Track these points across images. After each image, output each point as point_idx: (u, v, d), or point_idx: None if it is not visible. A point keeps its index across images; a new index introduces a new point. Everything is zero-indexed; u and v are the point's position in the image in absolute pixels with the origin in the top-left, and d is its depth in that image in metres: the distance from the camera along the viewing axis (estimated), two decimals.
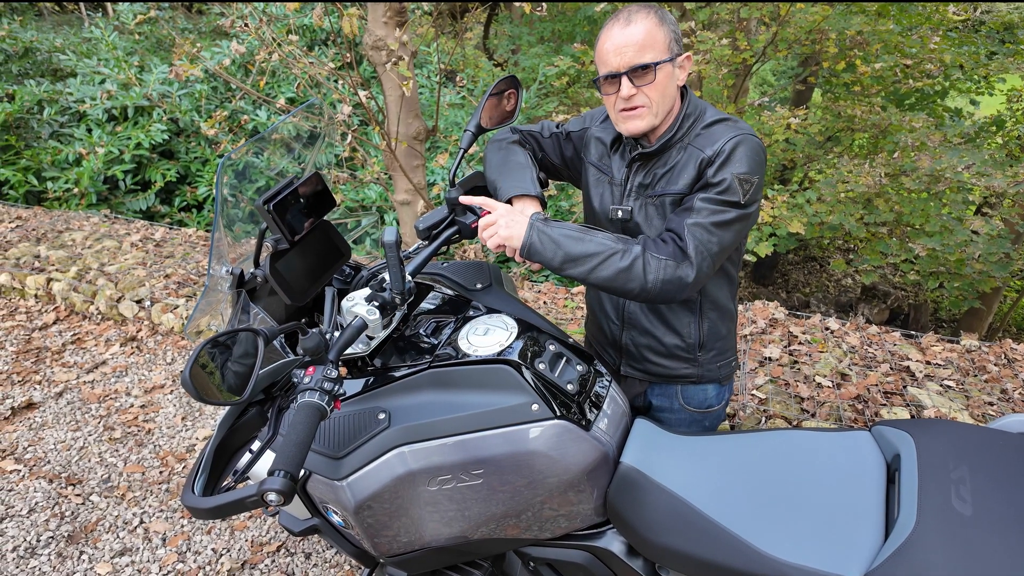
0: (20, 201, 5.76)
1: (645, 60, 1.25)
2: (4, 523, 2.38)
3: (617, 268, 1.24)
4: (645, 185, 1.39)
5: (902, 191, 5.41)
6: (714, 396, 1.53)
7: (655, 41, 1.25)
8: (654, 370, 1.52)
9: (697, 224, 1.25)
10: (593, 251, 1.25)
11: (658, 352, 1.50)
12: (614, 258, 1.24)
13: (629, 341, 1.53)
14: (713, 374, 1.50)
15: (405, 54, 3.49)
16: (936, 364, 2.80)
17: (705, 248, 1.24)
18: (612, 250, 1.24)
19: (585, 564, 1.36)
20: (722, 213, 1.25)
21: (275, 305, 1.42)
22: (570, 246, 1.25)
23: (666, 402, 1.55)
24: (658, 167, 1.36)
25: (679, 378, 1.51)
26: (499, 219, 1.32)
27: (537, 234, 1.27)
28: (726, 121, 1.32)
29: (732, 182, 1.24)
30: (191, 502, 1.06)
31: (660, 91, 1.28)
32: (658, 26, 1.26)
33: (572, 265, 1.26)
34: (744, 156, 1.25)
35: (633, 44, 1.25)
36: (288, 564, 2.20)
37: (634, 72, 1.26)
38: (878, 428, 1.20)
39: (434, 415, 1.22)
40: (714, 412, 1.55)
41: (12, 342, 3.56)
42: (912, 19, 6.29)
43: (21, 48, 7.16)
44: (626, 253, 1.24)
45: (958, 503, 0.97)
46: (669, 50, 1.27)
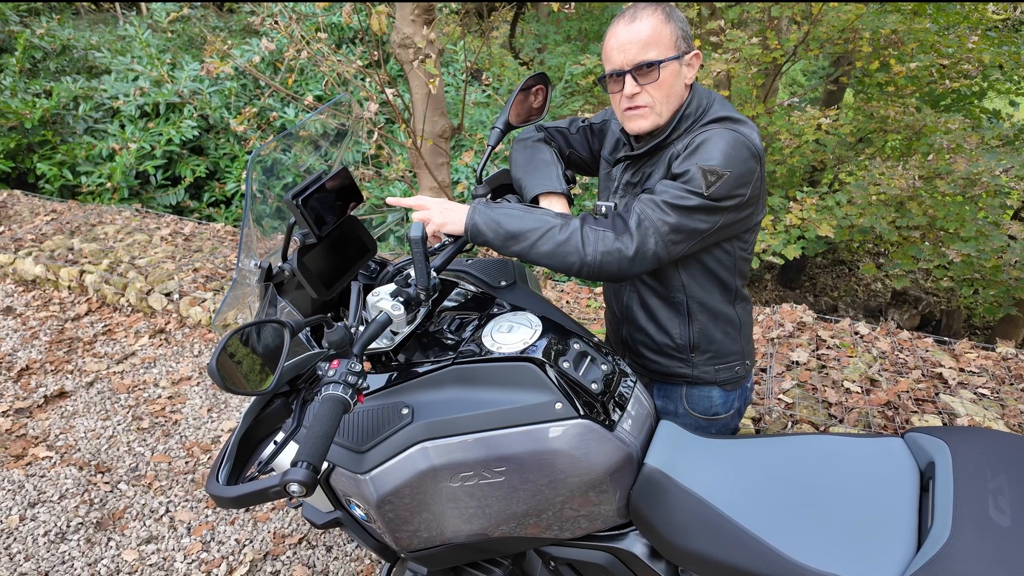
0: (55, 195, 5.90)
1: (649, 58, 1.23)
2: (36, 508, 2.44)
3: (556, 241, 1.22)
4: (632, 183, 1.39)
5: (936, 194, 5.28)
6: (720, 403, 1.50)
7: (660, 38, 1.23)
8: (650, 366, 1.51)
9: (649, 200, 1.21)
10: (532, 227, 1.24)
11: (651, 348, 1.49)
12: (552, 232, 1.23)
13: (628, 335, 1.54)
14: (710, 376, 1.46)
15: (432, 52, 3.50)
16: (970, 371, 2.73)
17: (651, 223, 1.19)
18: (551, 224, 1.23)
19: (606, 566, 1.35)
20: (681, 198, 1.19)
21: (301, 299, 1.43)
22: (510, 224, 1.25)
23: (670, 405, 1.53)
24: (647, 166, 1.36)
25: (675, 377, 1.49)
26: (432, 207, 1.31)
27: (479, 215, 1.27)
28: (722, 120, 1.27)
29: (694, 172, 1.18)
30: (215, 491, 1.07)
31: (665, 90, 1.26)
32: (664, 23, 1.23)
33: (514, 242, 1.25)
34: (715, 148, 1.19)
35: (637, 41, 1.23)
36: (309, 556, 2.22)
37: (638, 70, 1.24)
38: (911, 435, 1.17)
39: (457, 411, 1.21)
40: (720, 420, 1.52)
41: (46, 332, 3.65)
42: (950, 18, 6.13)
43: (59, 46, 7.33)
44: (564, 227, 1.23)
45: (996, 514, 0.94)
46: (675, 48, 1.25)
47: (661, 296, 1.42)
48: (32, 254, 4.25)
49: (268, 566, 2.19)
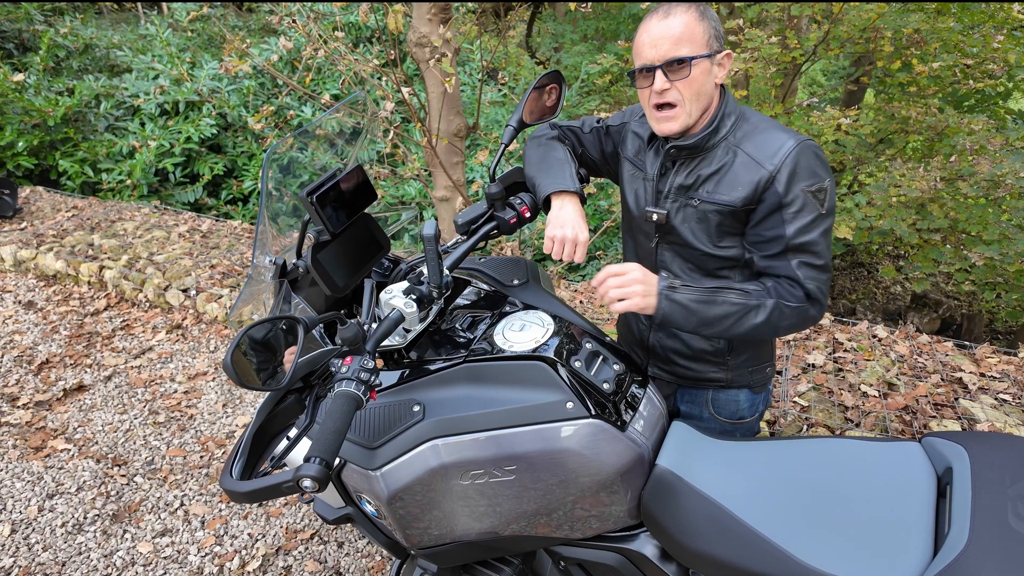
0: (77, 191, 6.00)
1: (681, 54, 1.21)
2: (54, 499, 2.48)
3: (752, 325, 1.24)
4: (686, 187, 1.33)
5: (958, 196, 5.19)
6: (746, 406, 1.48)
7: (693, 35, 1.22)
8: (681, 372, 1.49)
9: (804, 264, 1.24)
10: (726, 312, 1.23)
11: (685, 355, 1.46)
12: (748, 316, 1.23)
13: (657, 342, 1.50)
14: (744, 379, 1.45)
15: (448, 51, 3.51)
16: (991, 377, 2.68)
17: (822, 284, 1.25)
18: (745, 308, 1.23)
19: (617, 566, 1.34)
20: (817, 243, 1.23)
21: (315, 295, 1.44)
22: (703, 312, 1.23)
23: (695, 410, 1.51)
24: (702, 167, 1.31)
25: (707, 382, 1.47)
26: (634, 284, 1.23)
27: (668, 304, 1.23)
28: (772, 125, 1.28)
29: (804, 199, 1.22)
30: (229, 485, 1.08)
31: (695, 88, 1.24)
32: (698, 21, 1.22)
33: (706, 328, 1.25)
34: (808, 167, 1.22)
35: (670, 37, 1.21)
36: (321, 552, 2.23)
37: (669, 66, 1.22)
38: (928, 439, 1.15)
39: (468, 409, 1.21)
40: (746, 424, 1.50)
41: (66, 326, 3.71)
42: (974, 17, 6.03)
43: (81, 45, 7.44)
44: (760, 309, 1.23)
45: (1015, 521, 0.92)
46: (708, 46, 1.23)
47: None
48: (53, 250, 4.32)
49: (280, 561, 2.20)
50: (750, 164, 1.25)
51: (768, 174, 1.23)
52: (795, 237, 1.23)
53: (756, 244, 1.29)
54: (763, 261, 1.28)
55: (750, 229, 1.29)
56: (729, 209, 1.28)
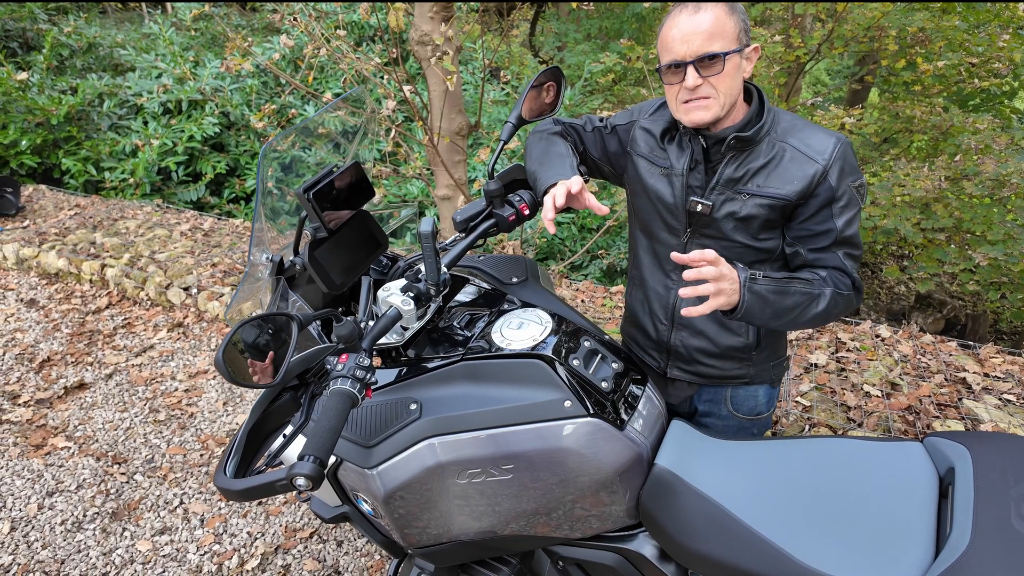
0: (79, 190, 6.00)
1: (714, 49, 1.20)
2: (54, 497, 2.47)
3: (814, 314, 1.25)
4: (735, 180, 1.31)
5: (963, 196, 5.16)
6: (764, 402, 1.48)
7: (725, 30, 1.20)
8: (705, 372, 1.47)
9: (850, 255, 1.29)
10: (795, 303, 1.23)
11: (711, 354, 1.44)
12: (811, 306, 1.24)
13: (679, 342, 1.47)
14: (766, 374, 1.46)
15: (450, 49, 3.50)
16: (995, 377, 2.66)
17: (858, 272, 1.30)
18: (810, 297, 1.24)
19: (615, 567, 1.33)
20: (856, 232, 1.29)
21: (313, 293, 1.43)
22: (777, 302, 1.20)
23: (714, 408, 1.50)
24: (751, 161, 1.29)
25: (731, 379, 1.46)
26: (725, 282, 1.13)
27: (750, 297, 1.17)
28: (800, 120, 1.30)
29: (852, 194, 1.27)
30: (222, 483, 1.07)
31: (728, 83, 1.23)
32: (728, 15, 1.21)
33: (775, 319, 1.22)
34: (851, 162, 1.26)
35: (702, 32, 1.19)
36: (320, 551, 2.23)
37: (701, 62, 1.21)
38: (931, 439, 1.14)
39: (466, 408, 1.20)
40: (763, 419, 1.50)
41: (67, 324, 3.71)
42: (980, 16, 5.99)
43: (85, 43, 7.45)
44: (821, 298, 1.24)
45: (1018, 522, 0.91)
46: (739, 40, 1.22)
47: None
48: (56, 248, 4.33)
49: (279, 559, 2.20)
50: (801, 159, 1.26)
51: (822, 168, 1.25)
52: (843, 230, 1.27)
53: (804, 238, 1.31)
54: (812, 254, 1.30)
55: (797, 224, 1.31)
56: (782, 203, 1.28)
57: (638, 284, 1.55)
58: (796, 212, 1.30)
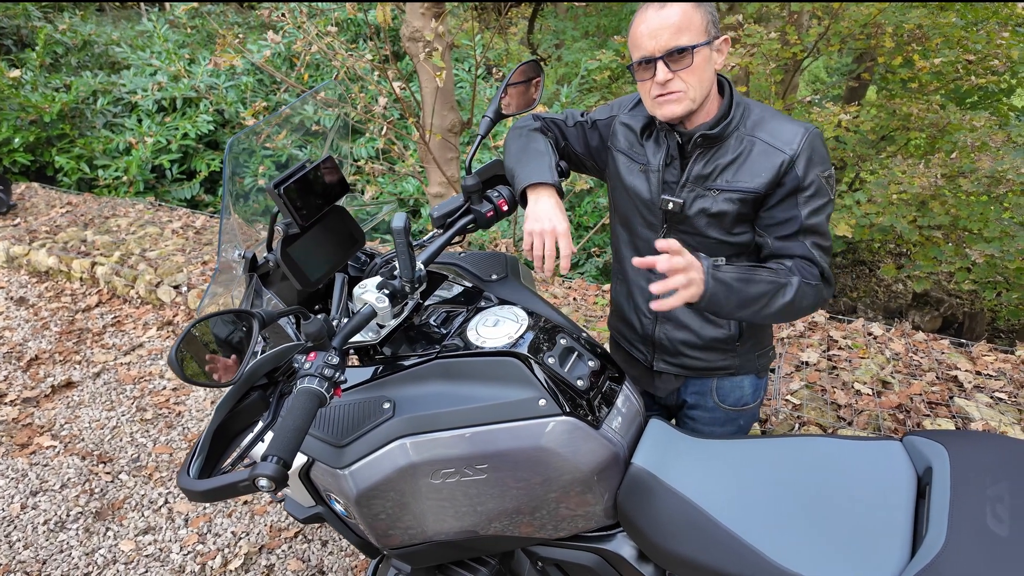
0: (73, 188, 5.98)
1: (682, 43, 1.19)
2: (37, 497, 2.46)
3: (781, 304, 1.21)
4: (704, 176, 1.30)
5: (960, 194, 5.14)
6: (750, 393, 1.47)
7: (692, 23, 1.19)
8: (690, 364, 1.46)
9: (817, 245, 1.26)
10: (762, 292, 1.19)
11: (695, 346, 1.43)
12: (778, 296, 1.21)
13: (663, 335, 1.47)
14: (751, 364, 1.45)
15: (440, 45, 3.48)
16: (987, 375, 2.64)
17: (830, 265, 1.26)
18: (777, 286, 1.20)
19: (594, 567, 1.31)
20: (824, 222, 1.26)
21: (288, 290, 1.41)
22: (743, 290, 1.17)
23: (700, 400, 1.49)
24: (719, 157, 1.29)
25: (716, 370, 1.45)
26: (693, 271, 1.11)
27: (714, 284, 1.14)
28: (774, 113, 1.28)
29: (821, 183, 1.24)
30: (185, 484, 1.05)
31: (698, 75, 1.22)
32: (695, 8, 1.20)
33: (742, 309, 1.19)
34: (821, 152, 1.24)
35: (669, 27, 1.18)
36: (305, 551, 2.21)
37: (670, 56, 1.20)
38: (910, 438, 1.12)
39: (439, 406, 1.18)
40: (749, 410, 1.49)
41: (56, 323, 3.69)
42: (978, 13, 5.96)
43: (80, 41, 7.43)
44: (787, 287, 1.21)
45: (993, 522, 0.89)
46: (707, 32, 1.21)
47: None
48: (46, 246, 4.31)
49: (263, 559, 2.18)
50: (769, 151, 1.25)
51: (788, 158, 1.23)
52: (808, 219, 1.25)
53: (770, 226, 1.29)
54: (777, 242, 1.29)
55: (764, 212, 1.30)
56: (752, 196, 1.27)
57: (621, 279, 1.55)
58: (764, 202, 1.29)
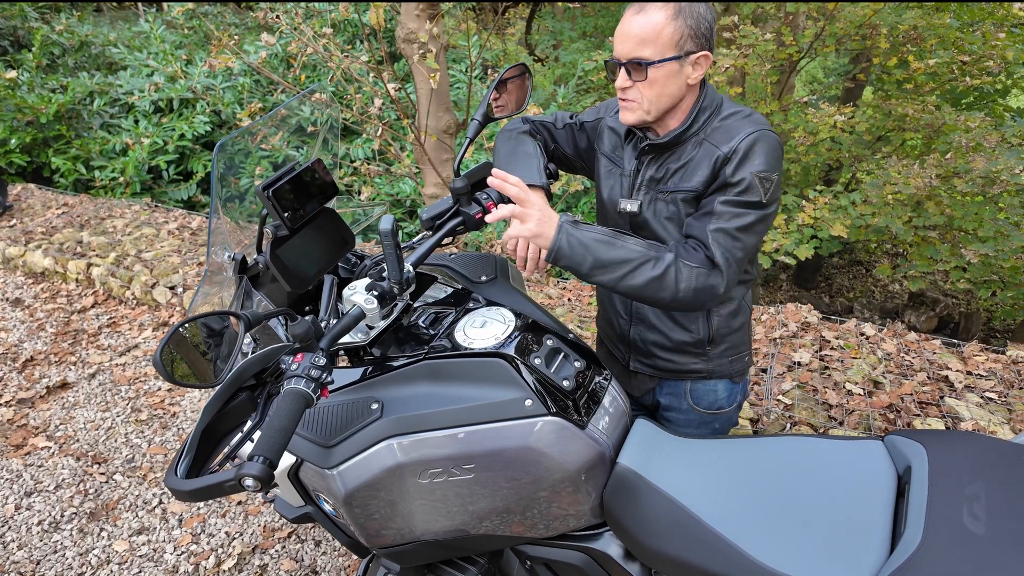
0: (69, 189, 5.99)
1: (641, 55, 1.20)
2: (32, 497, 2.46)
3: (649, 277, 1.19)
4: (657, 179, 1.34)
5: (955, 194, 5.16)
6: (724, 396, 1.47)
7: (659, 37, 1.19)
8: (662, 365, 1.47)
9: (720, 230, 1.21)
10: (625, 257, 1.19)
11: (666, 348, 1.45)
12: (646, 266, 1.19)
13: (637, 336, 1.49)
14: (724, 369, 1.45)
15: (435, 47, 3.49)
16: (978, 375, 2.65)
17: (731, 255, 1.20)
18: (644, 257, 1.19)
19: (581, 566, 1.32)
20: (744, 216, 1.20)
21: (278, 292, 1.42)
22: (601, 251, 1.19)
23: (675, 401, 1.50)
24: (671, 161, 1.31)
25: (688, 373, 1.46)
26: (533, 213, 1.19)
27: (567, 237, 1.19)
28: (742, 115, 1.26)
29: (752, 181, 1.19)
30: (172, 484, 1.06)
31: (655, 90, 1.23)
32: (671, 19, 1.18)
33: (602, 272, 1.20)
34: (762, 153, 1.20)
35: (634, 36, 1.20)
36: (298, 551, 2.22)
37: (631, 64, 1.22)
38: (891, 438, 1.13)
39: (427, 407, 1.19)
40: (724, 414, 1.49)
41: (52, 324, 3.69)
42: (974, 14, 5.98)
43: (77, 42, 7.43)
44: (659, 261, 1.19)
45: (970, 521, 0.90)
46: (677, 47, 1.20)
47: None
48: (42, 247, 4.31)
49: (256, 559, 2.19)
50: (711, 150, 1.26)
51: (723, 155, 1.23)
52: (720, 206, 1.22)
53: (695, 215, 1.29)
54: (687, 227, 1.28)
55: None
56: (693, 195, 1.28)
57: None
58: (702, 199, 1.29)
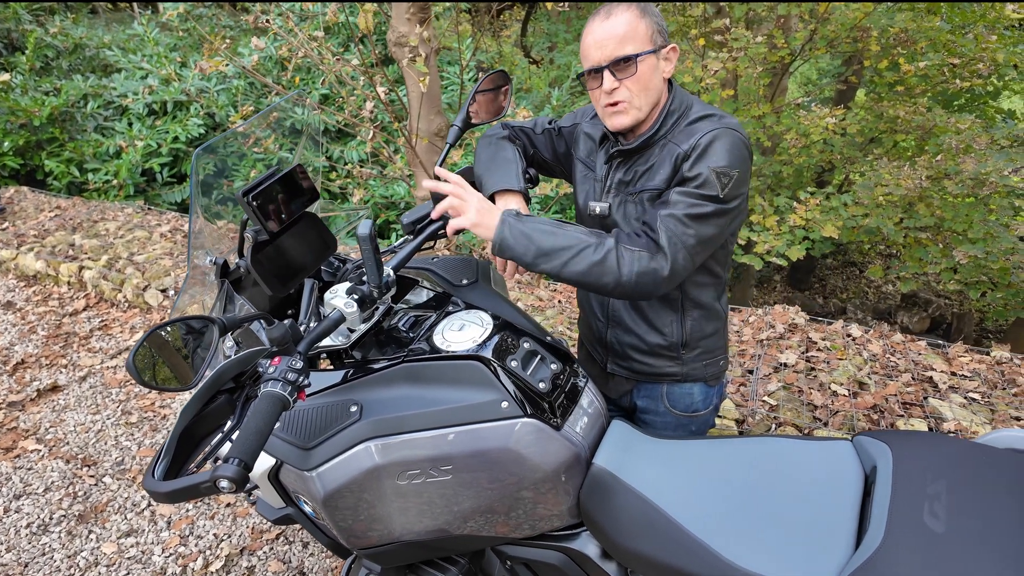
0: (62, 191, 5.99)
1: (626, 52, 1.23)
2: (21, 500, 2.47)
3: (590, 261, 1.20)
4: (625, 182, 1.37)
5: (946, 195, 5.19)
6: (700, 399, 1.49)
7: (636, 33, 1.23)
8: (638, 368, 1.49)
9: (670, 215, 1.21)
10: (565, 244, 1.21)
11: (641, 350, 1.47)
12: (587, 251, 1.21)
13: (614, 339, 1.51)
14: (699, 373, 1.46)
15: (425, 50, 3.50)
16: (962, 376, 2.68)
17: (679, 239, 1.20)
18: (585, 243, 1.21)
19: (560, 566, 1.33)
20: (698, 206, 1.21)
21: (260, 295, 1.43)
22: (542, 240, 1.22)
23: (651, 404, 1.51)
24: (639, 164, 1.34)
25: (664, 376, 1.47)
26: (471, 202, 1.25)
27: (509, 229, 1.23)
28: (710, 116, 1.28)
29: (709, 175, 1.20)
30: (150, 485, 1.08)
31: (643, 84, 1.26)
32: (639, 18, 1.24)
33: (545, 260, 1.22)
34: (722, 149, 1.21)
35: (614, 37, 1.23)
36: (286, 552, 2.23)
37: (615, 65, 1.24)
38: (859, 438, 1.15)
39: (405, 409, 1.21)
40: (701, 417, 1.51)
41: (43, 327, 3.70)
42: (965, 16, 6.01)
43: (71, 44, 7.43)
44: (599, 246, 1.21)
45: (930, 519, 0.92)
46: (652, 41, 1.25)
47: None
48: (34, 250, 4.31)
49: (244, 561, 2.20)
50: (673, 148, 1.28)
51: (683, 152, 1.25)
52: (679, 195, 1.22)
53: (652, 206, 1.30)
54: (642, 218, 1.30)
55: None
56: (657, 192, 1.30)
57: None
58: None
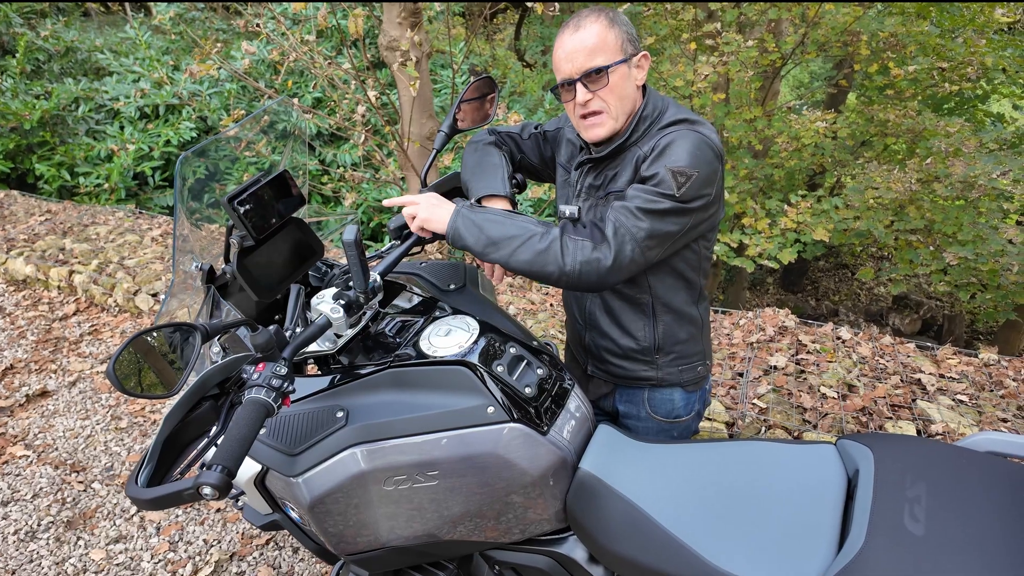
0: (54, 195, 5.96)
1: (596, 64, 1.24)
2: (9, 507, 2.45)
3: (535, 250, 1.22)
4: (595, 187, 1.39)
5: (936, 198, 5.23)
6: (681, 405, 1.49)
7: (606, 44, 1.24)
8: (615, 371, 1.50)
9: (623, 207, 1.22)
10: (513, 233, 1.24)
11: (616, 354, 1.48)
12: (532, 240, 1.23)
13: (591, 342, 1.52)
14: (674, 378, 1.46)
15: (416, 54, 3.51)
16: (950, 378, 2.69)
17: (627, 231, 1.20)
18: (531, 232, 1.23)
19: (547, 570, 1.34)
20: (653, 202, 1.20)
21: (246, 301, 1.43)
22: (491, 229, 1.25)
23: (633, 409, 1.52)
24: (608, 169, 1.36)
25: (640, 380, 1.48)
26: (420, 202, 1.33)
27: (461, 219, 1.27)
28: (682, 121, 1.28)
29: (664, 175, 1.20)
30: (133, 492, 1.07)
31: (617, 93, 1.27)
32: (608, 28, 1.25)
33: (494, 248, 1.25)
34: (681, 150, 1.21)
35: (584, 49, 1.24)
36: (275, 558, 2.22)
37: (587, 77, 1.25)
38: (842, 442, 1.16)
39: (391, 415, 1.21)
40: (682, 423, 1.51)
41: (33, 331, 3.68)
42: (955, 20, 6.06)
43: (63, 47, 7.41)
44: (544, 236, 1.23)
45: (910, 522, 0.93)
46: (622, 51, 1.26)
47: (626, 298, 1.42)
48: (24, 254, 4.29)
49: (234, 567, 2.19)
50: (636, 151, 1.30)
51: (643, 154, 1.27)
52: (634, 191, 1.22)
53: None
54: None
55: None
56: (620, 194, 1.31)
57: None
58: None
